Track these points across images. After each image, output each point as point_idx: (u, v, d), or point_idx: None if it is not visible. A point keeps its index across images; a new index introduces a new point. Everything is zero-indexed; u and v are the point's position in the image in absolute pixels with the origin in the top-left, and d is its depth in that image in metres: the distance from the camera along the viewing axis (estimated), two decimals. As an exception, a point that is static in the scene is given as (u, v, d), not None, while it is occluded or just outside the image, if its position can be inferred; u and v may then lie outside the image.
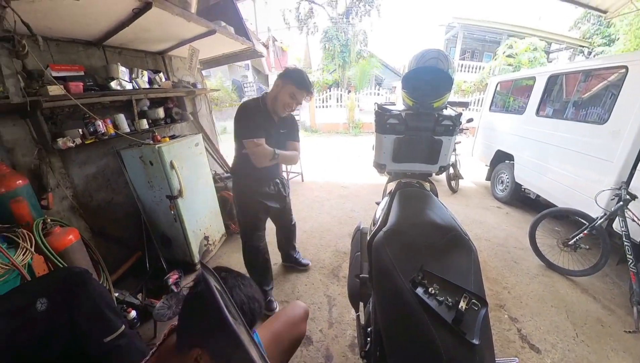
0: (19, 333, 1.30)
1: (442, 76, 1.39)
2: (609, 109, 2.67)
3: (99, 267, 2.23)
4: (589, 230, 2.51)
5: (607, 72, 2.88)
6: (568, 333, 2.09)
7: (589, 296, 2.45)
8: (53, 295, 1.40)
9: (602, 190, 2.45)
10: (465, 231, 1.08)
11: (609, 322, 2.18)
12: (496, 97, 4.79)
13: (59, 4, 1.67)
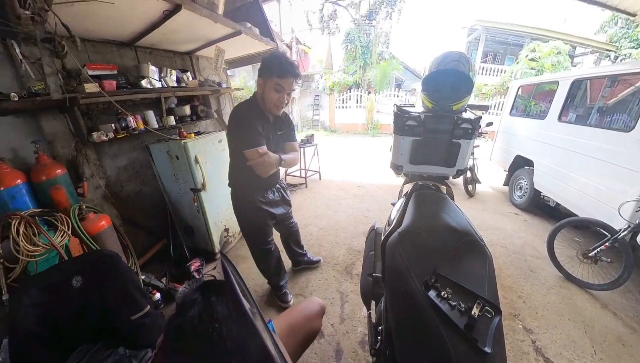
0: (58, 306, 1.39)
1: (463, 78, 1.36)
2: (636, 116, 2.52)
3: (127, 251, 2.33)
4: (611, 242, 2.37)
5: (635, 77, 2.71)
6: (586, 349, 1.97)
7: (609, 312, 2.29)
8: (87, 274, 1.49)
9: (627, 201, 2.34)
10: (480, 237, 1.04)
11: (631, 341, 2.03)
12: (517, 101, 4.63)
13: (96, 6, 1.72)
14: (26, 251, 1.63)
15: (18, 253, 1.61)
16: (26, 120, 2.02)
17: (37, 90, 1.86)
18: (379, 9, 12.10)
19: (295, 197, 4.75)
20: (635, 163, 2.45)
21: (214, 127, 3.85)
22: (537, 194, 3.89)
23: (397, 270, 0.99)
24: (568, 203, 3.26)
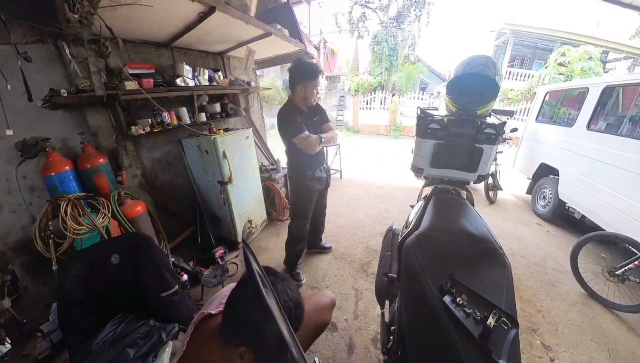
0: (98, 279, 1.50)
1: (489, 83, 1.30)
2: None
3: (159, 235, 2.43)
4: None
5: None
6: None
7: (636, 337, 2.07)
8: (124, 253, 1.59)
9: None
10: (500, 245, 1.00)
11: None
12: (544, 107, 4.38)
13: (137, 9, 1.78)
14: (72, 229, 1.76)
15: (66, 230, 1.75)
16: (74, 114, 2.15)
17: (83, 87, 1.98)
18: (408, 12, 11.89)
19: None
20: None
21: (242, 125, 3.93)
22: (562, 205, 3.67)
23: (412, 272, 0.97)
24: (594, 216, 3.05)
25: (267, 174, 3.75)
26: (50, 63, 1.97)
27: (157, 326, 1.48)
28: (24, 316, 1.71)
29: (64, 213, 1.77)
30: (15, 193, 1.92)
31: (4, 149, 1.84)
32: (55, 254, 1.74)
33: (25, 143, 1.87)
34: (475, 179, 1.47)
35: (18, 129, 1.76)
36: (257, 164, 3.33)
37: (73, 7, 1.44)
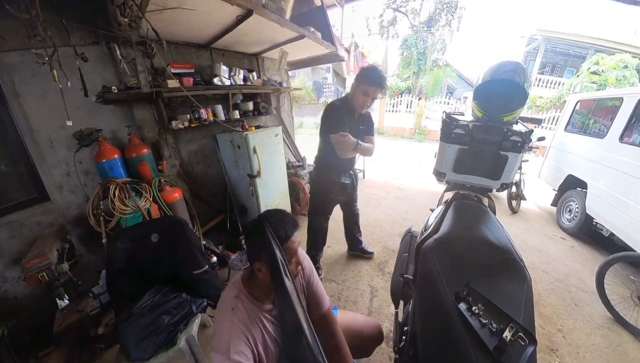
0: (140, 253, 1.63)
1: (517, 89, 1.23)
2: None
3: (193, 220, 2.55)
4: None
5: None
6: None
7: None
8: (162, 232, 1.70)
9: None
10: (520, 257, 0.94)
11: None
12: (574, 116, 4.05)
13: (180, 13, 1.86)
14: (119, 209, 1.92)
15: (114, 210, 1.90)
16: (122, 108, 2.29)
17: (131, 84, 2.09)
18: (439, 16, 11.47)
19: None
20: None
21: (272, 123, 3.98)
22: (589, 220, 3.38)
23: (429, 276, 0.95)
24: (625, 235, 2.77)
25: (293, 171, 3.79)
26: (103, 63, 2.11)
27: (188, 299, 1.59)
28: (79, 279, 1.90)
29: (113, 195, 1.93)
30: (73, 175, 2.10)
31: (65, 138, 2.02)
32: (105, 229, 1.90)
33: (82, 133, 2.04)
34: (499, 187, 1.41)
35: (76, 121, 1.89)
36: (284, 161, 3.36)
37: (124, 12, 1.52)
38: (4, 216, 1.83)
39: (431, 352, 0.84)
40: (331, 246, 2.99)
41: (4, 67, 1.72)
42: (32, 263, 1.59)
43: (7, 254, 1.85)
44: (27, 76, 1.80)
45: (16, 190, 1.95)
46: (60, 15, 1.48)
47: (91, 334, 1.81)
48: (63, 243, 1.87)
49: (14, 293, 1.89)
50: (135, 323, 1.37)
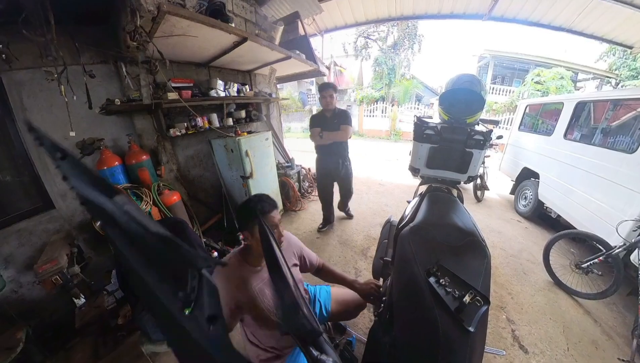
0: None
1: (475, 96, 1.34)
2: (639, 138, 2.30)
3: (193, 220, 2.54)
4: (605, 257, 2.18)
5: (637, 103, 2.47)
6: (560, 345, 1.87)
7: (590, 319, 2.14)
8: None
9: (625, 220, 2.12)
10: (483, 238, 1.01)
11: (604, 347, 1.88)
12: (525, 118, 4.33)
13: (184, 38, 1.91)
14: (122, 214, 1.88)
15: (116, 214, 1.87)
16: (124, 118, 2.27)
17: (133, 97, 2.08)
18: (403, 42, 12.64)
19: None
20: (636, 183, 2.23)
21: (263, 128, 4.00)
22: (540, 205, 3.65)
23: (405, 257, 0.99)
24: (568, 216, 3.04)
25: (283, 171, 3.83)
26: (109, 78, 2.10)
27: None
28: (91, 279, 1.89)
29: (114, 200, 1.91)
30: (76, 183, 2.05)
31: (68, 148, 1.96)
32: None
33: (85, 143, 2.00)
34: (466, 180, 1.48)
35: (79, 131, 1.88)
36: (274, 162, 3.40)
37: (133, 37, 1.53)
38: (12, 225, 1.79)
39: (404, 315, 0.91)
40: (320, 238, 3.09)
41: (13, 84, 1.69)
42: (44, 268, 1.58)
43: (19, 261, 1.81)
44: (35, 91, 1.77)
45: (22, 200, 1.91)
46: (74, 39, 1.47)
47: (112, 325, 1.83)
48: (71, 248, 1.85)
49: (31, 296, 1.86)
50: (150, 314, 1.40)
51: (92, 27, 1.87)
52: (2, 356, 1.35)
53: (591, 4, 4.59)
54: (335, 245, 2.97)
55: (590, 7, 4.68)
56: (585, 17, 4.98)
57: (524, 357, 1.79)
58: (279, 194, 3.53)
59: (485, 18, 5.32)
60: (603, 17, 4.88)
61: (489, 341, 1.79)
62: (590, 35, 5.38)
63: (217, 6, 2.05)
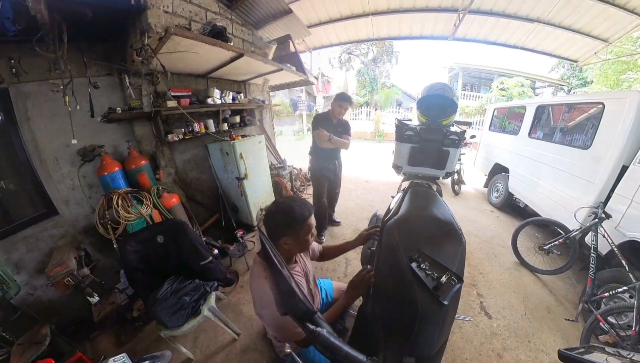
0: (150, 252, 1.66)
1: (448, 101, 1.40)
2: (592, 136, 2.46)
3: (192, 221, 2.55)
4: (564, 239, 2.37)
5: (587, 106, 2.66)
6: (519, 311, 2.11)
7: (546, 290, 2.38)
8: (166, 234, 1.72)
9: (582, 207, 2.25)
10: (460, 227, 1.06)
11: (555, 310, 2.14)
12: (494, 120, 4.53)
13: (186, 54, 1.95)
14: (124, 217, 1.88)
15: (119, 218, 1.86)
16: (124, 126, 2.26)
17: (133, 106, 2.08)
18: (382, 57, 13.83)
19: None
20: (591, 175, 2.41)
21: (256, 132, 4.00)
22: (510, 196, 3.83)
23: (390, 247, 1.03)
24: (534, 205, 3.22)
25: (275, 172, 3.86)
26: (112, 89, 2.09)
27: (201, 283, 1.67)
28: (101, 279, 1.89)
29: (116, 205, 1.89)
30: (78, 189, 2.03)
31: (69, 155, 1.96)
32: (114, 236, 1.87)
33: (86, 150, 1.99)
34: (444, 175, 1.55)
35: (80, 139, 1.87)
36: (267, 164, 3.42)
37: (139, 53, 1.55)
38: (19, 233, 1.77)
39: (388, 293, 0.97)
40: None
41: (19, 95, 1.67)
42: (55, 271, 1.58)
43: (30, 266, 1.79)
44: (39, 101, 1.75)
45: (27, 207, 1.88)
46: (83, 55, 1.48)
47: (128, 317, 1.86)
48: (78, 251, 1.84)
49: (47, 297, 1.85)
50: (162, 305, 1.45)
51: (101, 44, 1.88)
52: (33, 349, 1.38)
53: (536, 29, 5.29)
54: (327, 238, 3.04)
55: (536, 31, 5.37)
56: (533, 38, 5.65)
57: (487, 321, 2.01)
58: (272, 194, 3.56)
59: (450, 39, 5.92)
60: (548, 38, 5.59)
61: (459, 311, 1.92)
62: (540, 52, 6.01)
63: (219, 29, 2.12)
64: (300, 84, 4.59)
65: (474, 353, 1.73)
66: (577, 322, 1.97)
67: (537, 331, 1.93)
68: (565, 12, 4.89)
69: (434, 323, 0.79)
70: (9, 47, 1.42)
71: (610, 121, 2.32)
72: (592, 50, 5.66)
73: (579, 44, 5.60)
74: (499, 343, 1.81)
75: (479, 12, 5.22)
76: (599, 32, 5.17)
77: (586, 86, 10.44)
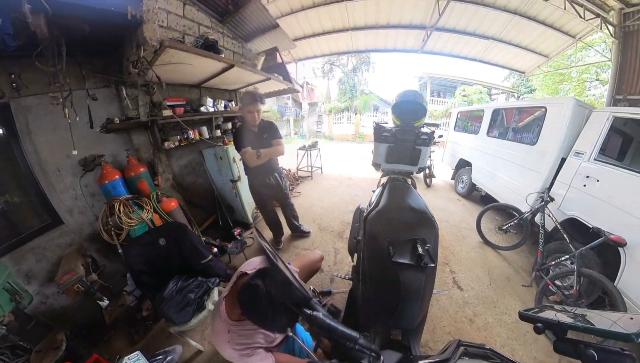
0: (152, 255, 1.61)
1: (419, 106, 1.45)
2: (537, 135, 2.67)
3: (191, 222, 2.50)
4: (518, 220, 2.53)
5: (533, 110, 2.87)
6: (484, 282, 2.27)
7: (506, 262, 2.57)
8: (168, 236, 1.68)
9: (531, 193, 2.44)
10: (432, 215, 1.09)
11: (514, 279, 2.34)
12: (458, 122, 4.72)
13: (180, 66, 1.92)
14: (126, 223, 1.83)
15: (121, 224, 1.82)
16: (122, 135, 2.19)
17: (131, 115, 2.03)
18: (360, 67, 14.42)
19: (304, 186, 4.87)
20: (537, 167, 2.60)
21: (246, 137, 4.01)
22: (473, 186, 4.01)
23: (373, 235, 1.07)
24: (494, 193, 3.40)
25: (267, 173, 3.84)
26: (110, 100, 2.03)
27: (204, 280, 1.65)
28: (109, 283, 1.84)
29: (118, 211, 1.84)
30: (81, 198, 1.97)
31: (71, 166, 1.89)
32: (118, 241, 1.82)
33: (86, 160, 1.92)
34: (417, 170, 1.57)
35: (81, 149, 1.81)
36: (259, 166, 3.41)
37: (135, 65, 1.51)
38: (27, 244, 1.69)
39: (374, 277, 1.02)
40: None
41: (20, 109, 1.59)
42: (64, 279, 1.53)
43: (40, 276, 1.72)
44: (40, 114, 1.67)
45: (32, 218, 1.80)
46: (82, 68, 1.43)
47: (138, 317, 1.81)
48: (85, 258, 1.78)
49: (60, 304, 1.78)
50: (169, 303, 1.43)
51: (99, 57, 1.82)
52: (51, 355, 1.34)
53: (491, 45, 5.98)
54: (316, 230, 3.08)
55: (491, 47, 6.06)
56: (489, 53, 6.36)
57: (460, 293, 2.15)
58: None
59: (419, 51, 6.45)
60: (501, 53, 6.27)
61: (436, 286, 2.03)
62: (495, 64, 6.77)
63: (211, 42, 2.09)
64: (287, 92, 4.59)
65: (451, 321, 1.85)
66: (531, 287, 2.18)
67: (500, 297, 2.10)
68: (514, 32, 5.47)
69: (415, 299, 0.84)
70: (9, 62, 1.36)
71: (551, 122, 2.54)
72: (536, 63, 6.37)
73: (526, 58, 6.27)
74: (471, 311, 1.95)
75: (444, 29, 5.68)
76: (541, 49, 5.85)
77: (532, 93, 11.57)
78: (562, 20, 4.86)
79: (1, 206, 1.62)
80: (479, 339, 1.73)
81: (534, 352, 1.64)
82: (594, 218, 1.98)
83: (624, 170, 1.92)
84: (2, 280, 1.34)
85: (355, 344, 0.66)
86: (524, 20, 5.02)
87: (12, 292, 1.38)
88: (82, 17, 1.27)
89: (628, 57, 4.40)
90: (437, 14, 5.04)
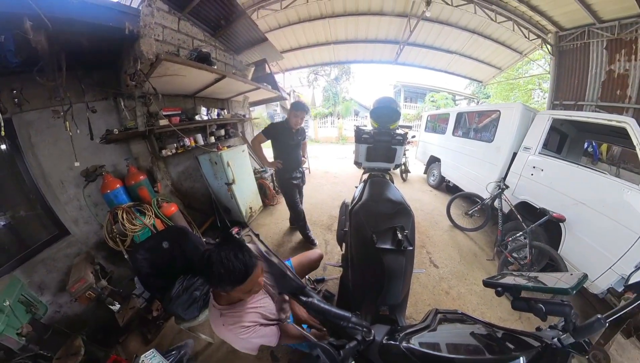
0: (157, 258, 1.56)
1: (394, 111, 1.52)
2: (494, 133, 2.86)
3: (191, 225, 2.46)
4: (481, 205, 2.69)
5: (490, 113, 3.07)
6: (456, 259, 2.42)
7: (472, 242, 2.74)
8: (170, 240, 1.64)
9: (490, 182, 2.62)
10: (408, 205, 1.13)
11: (479, 255, 2.50)
12: (428, 123, 4.90)
13: (175, 78, 1.91)
14: (130, 229, 1.79)
15: (125, 230, 1.77)
16: (121, 145, 2.12)
17: (129, 126, 1.98)
18: (341, 76, 14.90)
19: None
20: (494, 161, 2.79)
21: (240, 143, 3.89)
22: (443, 179, 4.20)
23: (358, 226, 1.11)
24: (460, 184, 3.58)
25: (259, 175, 3.77)
26: (108, 112, 1.97)
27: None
28: (119, 288, 1.78)
29: (122, 219, 1.79)
30: (85, 208, 1.90)
31: (73, 177, 1.82)
32: (123, 247, 1.77)
33: (88, 170, 1.85)
34: (393, 167, 1.64)
35: (82, 161, 1.74)
36: (251, 169, 3.37)
37: (133, 77, 1.48)
38: (37, 256, 1.62)
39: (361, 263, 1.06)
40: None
41: (22, 124, 1.51)
42: (75, 287, 1.48)
43: (52, 286, 1.65)
44: (42, 128, 1.60)
45: (40, 231, 1.72)
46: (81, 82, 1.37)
47: (149, 317, 1.77)
48: (94, 266, 1.72)
49: (73, 312, 1.71)
50: (177, 302, 1.41)
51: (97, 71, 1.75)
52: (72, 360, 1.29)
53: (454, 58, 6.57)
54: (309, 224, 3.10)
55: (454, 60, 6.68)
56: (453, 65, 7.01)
57: (436, 270, 2.28)
58: (258, 194, 3.49)
59: (394, 63, 7.03)
60: (463, 65, 6.94)
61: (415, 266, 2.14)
62: (457, 74, 7.49)
63: (204, 55, 2.08)
64: (275, 99, 4.67)
65: (430, 295, 1.97)
66: (494, 260, 2.38)
67: (469, 271, 2.26)
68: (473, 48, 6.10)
69: (398, 279, 0.90)
70: (11, 78, 1.30)
71: (504, 123, 2.75)
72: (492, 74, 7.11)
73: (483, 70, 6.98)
74: (446, 284, 2.09)
75: (414, 44, 6.23)
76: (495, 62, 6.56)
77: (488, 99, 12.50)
78: (512, 39, 5.46)
79: (8, 220, 1.54)
80: (454, 307, 1.86)
81: (499, 312, 1.81)
82: (540, 201, 2.19)
83: (562, 161, 2.17)
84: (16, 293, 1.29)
85: (349, 322, 0.68)
86: (481, 38, 5.62)
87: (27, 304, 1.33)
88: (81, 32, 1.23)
89: (563, 70, 4.96)
90: (408, 30, 5.44)
